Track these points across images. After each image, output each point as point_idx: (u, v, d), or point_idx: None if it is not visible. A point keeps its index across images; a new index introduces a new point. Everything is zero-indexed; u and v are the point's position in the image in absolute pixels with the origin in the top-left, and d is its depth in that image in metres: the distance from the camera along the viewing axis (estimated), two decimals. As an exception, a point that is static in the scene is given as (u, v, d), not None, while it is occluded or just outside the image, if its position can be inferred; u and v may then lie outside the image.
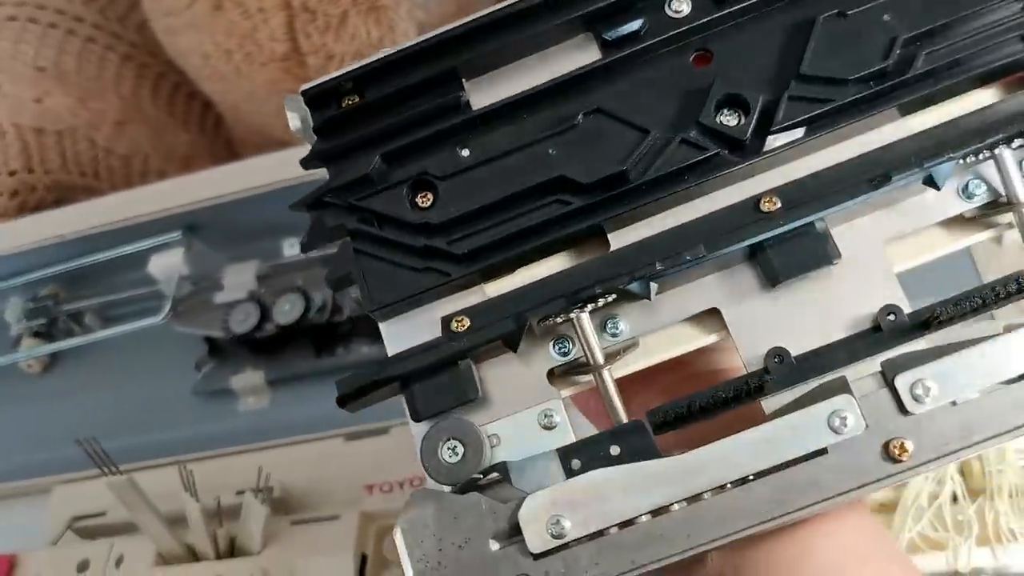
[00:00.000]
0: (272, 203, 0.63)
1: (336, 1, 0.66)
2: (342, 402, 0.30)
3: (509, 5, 0.32)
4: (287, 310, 0.65)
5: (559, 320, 0.29)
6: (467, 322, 0.30)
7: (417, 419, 0.29)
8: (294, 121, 0.34)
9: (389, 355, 0.30)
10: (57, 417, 0.70)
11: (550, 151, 0.31)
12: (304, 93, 0.33)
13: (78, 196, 0.80)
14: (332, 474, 0.63)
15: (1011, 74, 0.29)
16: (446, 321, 0.30)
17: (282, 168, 0.62)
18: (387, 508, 0.60)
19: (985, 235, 0.29)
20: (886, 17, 0.30)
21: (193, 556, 0.59)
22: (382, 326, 0.31)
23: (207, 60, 0.72)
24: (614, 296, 0.29)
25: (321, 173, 0.33)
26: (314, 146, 0.33)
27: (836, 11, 0.30)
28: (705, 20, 0.31)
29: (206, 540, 0.57)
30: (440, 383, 0.29)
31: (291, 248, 0.68)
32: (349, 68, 0.33)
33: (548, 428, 0.29)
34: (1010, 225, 0.28)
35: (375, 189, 0.32)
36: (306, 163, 0.33)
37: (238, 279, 0.67)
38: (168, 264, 0.64)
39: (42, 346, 0.70)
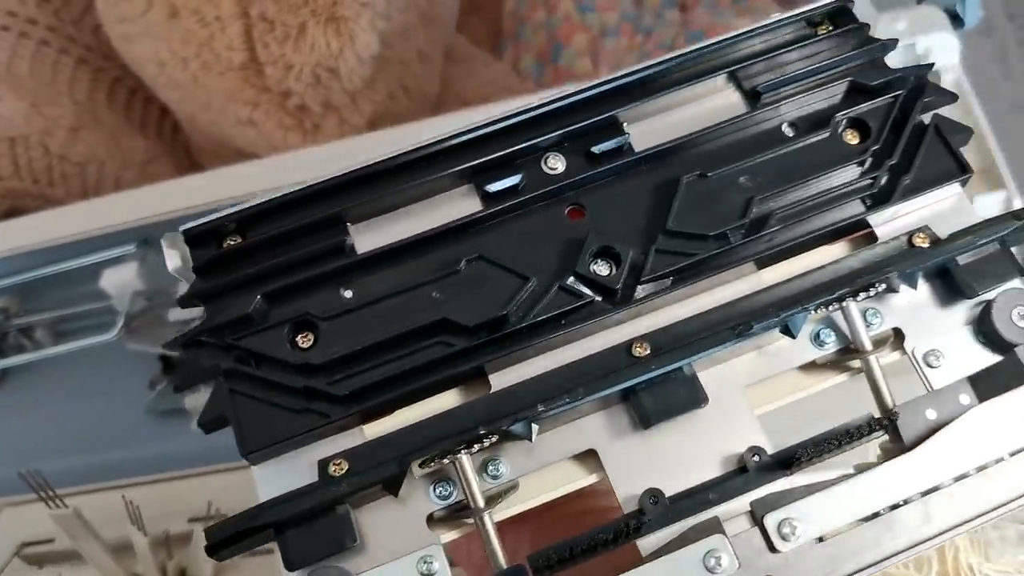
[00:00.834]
0: None
1: (294, 11, 0.64)
2: (211, 551, 0.28)
3: (392, 157, 0.33)
4: (243, 329, 0.62)
5: (439, 463, 0.29)
6: (345, 465, 0.29)
7: (291, 568, 0.28)
8: (173, 260, 0.33)
9: (261, 500, 0.30)
10: (6, 436, 0.66)
11: (434, 294, 0.31)
12: (184, 233, 0.33)
13: (32, 204, 0.77)
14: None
15: (854, 232, 0.32)
16: (323, 465, 0.30)
17: (241, 183, 0.59)
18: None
19: (839, 379, 0.31)
20: (742, 179, 0.33)
21: (142, 587, 0.55)
22: (254, 470, 0.30)
23: (163, 68, 0.70)
24: (496, 437, 0.29)
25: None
26: (192, 285, 0.33)
27: (698, 172, 0.33)
28: (578, 178, 0.33)
29: (155, 572, 0.54)
30: (316, 530, 0.29)
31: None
32: (231, 210, 0.33)
33: (427, 575, 0.28)
34: (860, 370, 0.31)
35: (255, 329, 0.31)
36: (184, 302, 0.32)
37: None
38: (121, 279, 0.61)
39: None
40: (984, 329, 0.30)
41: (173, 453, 0.62)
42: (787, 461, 0.29)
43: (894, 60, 0.34)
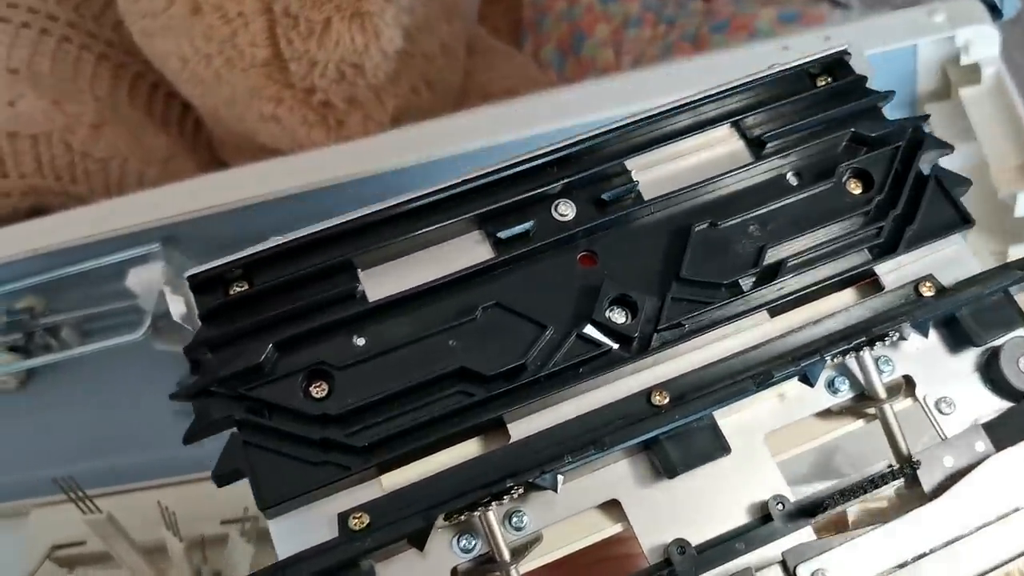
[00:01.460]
0: (255, 216, 0.59)
1: (319, 6, 0.64)
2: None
3: (402, 203, 0.33)
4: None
5: (467, 515, 0.28)
6: (366, 519, 0.29)
7: (315, 627, 0.28)
8: (177, 306, 0.33)
9: (280, 556, 0.29)
10: (34, 436, 0.64)
11: (450, 342, 0.31)
12: (190, 279, 0.32)
13: (55, 201, 0.76)
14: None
15: (860, 280, 0.33)
16: (343, 518, 0.29)
17: (265, 180, 0.58)
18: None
19: (854, 425, 0.32)
20: (752, 228, 0.33)
21: (176, 592, 0.54)
22: (271, 524, 0.30)
23: (186, 64, 0.69)
24: (522, 489, 0.29)
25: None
26: (199, 332, 0.32)
27: (709, 221, 0.33)
28: (589, 225, 0.33)
29: None
30: (340, 587, 0.28)
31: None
32: (237, 256, 0.32)
33: (455, 630, 0.28)
34: (874, 416, 0.31)
35: (267, 378, 0.31)
36: (190, 351, 0.32)
37: (220, 296, 0.62)
38: (147, 278, 0.58)
39: (17, 362, 0.64)
40: (992, 377, 0.31)
41: (202, 454, 0.60)
42: (811, 509, 0.29)
43: (926, 52, 0.35)
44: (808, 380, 0.31)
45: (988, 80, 0.52)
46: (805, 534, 0.29)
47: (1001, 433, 0.30)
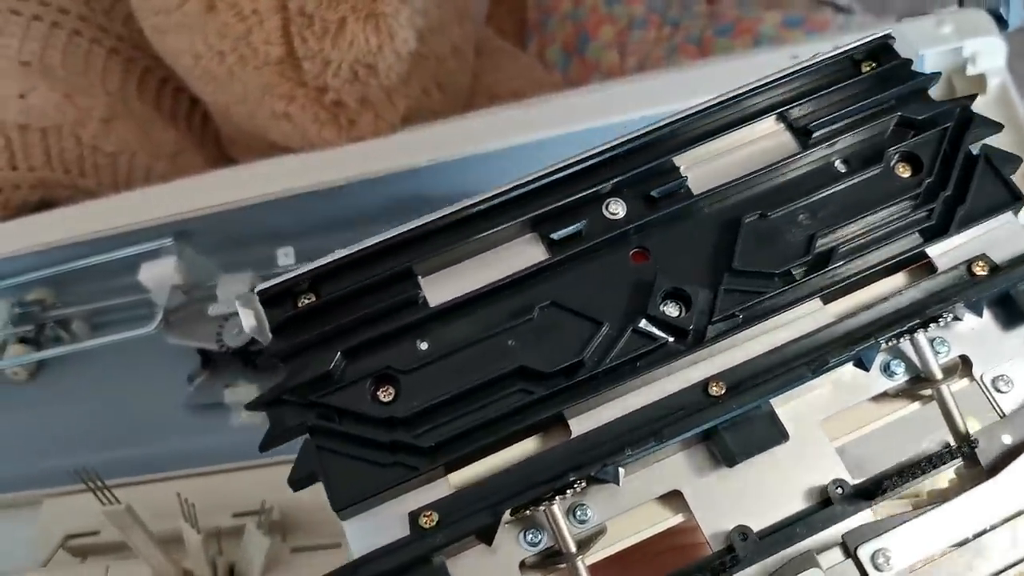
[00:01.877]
0: (267, 213, 0.61)
1: (334, 6, 0.65)
2: (313, 607, 0.29)
3: (457, 210, 0.34)
4: (283, 324, 0.62)
5: (532, 510, 0.30)
6: (436, 517, 0.30)
7: (393, 621, 0.29)
8: (248, 320, 0.34)
9: (355, 555, 0.30)
10: (45, 427, 0.66)
11: (510, 342, 0.32)
12: (260, 293, 0.34)
13: (63, 194, 0.77)
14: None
15: (913, 263, 0.33)
16: (414, 517, 0.30)
17: (279, 179, 0.60)
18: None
19: (911, 408, 0.32)
20: (801, 217, 0.34)
21: (192, 582, 0.55)
22: (345, 525, 0.31)
23: (198, 61, 0.70)
24: (584, 483, 0.30)
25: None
26: (270, 345, 0.33)
27: (759, 212, 0.34)
28: (640, 222, 0.34)
29: (205, 568, 0.54)
30: (414, 582, 0.29)
31: (285, 258, 0.63)
32: (304, 269, 0.34)
33: (526, 620, 0.29)
34: (931, 397, 0.31)
35: (336, 385, 0.32)
36: (264, 362, 0.33)
37: (232, 290, 0.62)
38: (159, 272, 0.61)
39: (28, 354, 0.65)
40: (1050, 353, 0.31)
41: (212, 447, 0.62)
42: (870, 491, 0.29)
43: (932, 62, 0.35)
44: (863, 364, 0.31)
45: (993, 91, 0.52)
46: (865, 517, 0.29)
47: (1060, 410, 0.30)
